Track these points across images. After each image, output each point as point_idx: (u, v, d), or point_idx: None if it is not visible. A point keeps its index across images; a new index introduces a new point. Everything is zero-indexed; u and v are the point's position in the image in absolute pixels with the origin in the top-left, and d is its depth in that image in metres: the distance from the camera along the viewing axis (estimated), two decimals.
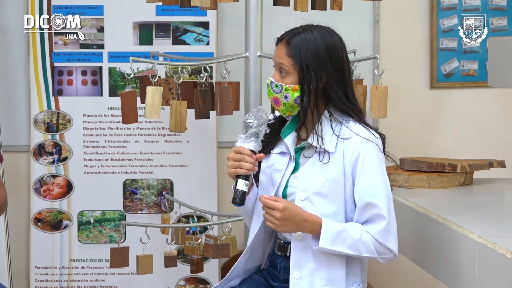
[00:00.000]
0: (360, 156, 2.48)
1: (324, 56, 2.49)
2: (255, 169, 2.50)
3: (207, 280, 4.23)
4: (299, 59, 2.49)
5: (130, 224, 3.99)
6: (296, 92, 2.51)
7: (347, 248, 2.45)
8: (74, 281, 4.21)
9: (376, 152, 2.50)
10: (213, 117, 3.98)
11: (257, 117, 2.51)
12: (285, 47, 2.52)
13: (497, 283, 2.35)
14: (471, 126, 4.49)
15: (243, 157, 2.48)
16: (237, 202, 2.48)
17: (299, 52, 2.48)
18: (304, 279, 2.50)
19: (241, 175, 2.48)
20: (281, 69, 2.52)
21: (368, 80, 4.14)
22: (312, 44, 2.49)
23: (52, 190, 4.21)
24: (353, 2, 4.11)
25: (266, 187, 2.60)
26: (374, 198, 2.47)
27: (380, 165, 2.50)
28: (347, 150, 2.49)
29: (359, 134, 2.49)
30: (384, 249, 2.48)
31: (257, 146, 2.50)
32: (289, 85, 2.51)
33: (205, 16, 4.19)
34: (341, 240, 2.44)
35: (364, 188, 2.48)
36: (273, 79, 2.54)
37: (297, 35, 2.51)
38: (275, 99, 2.54)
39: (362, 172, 2.48)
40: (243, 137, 2.51)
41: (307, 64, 2.48)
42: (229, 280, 2.66)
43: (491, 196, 3.30)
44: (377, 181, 2.48)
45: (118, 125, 4.19)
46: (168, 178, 4.24)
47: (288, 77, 2.51)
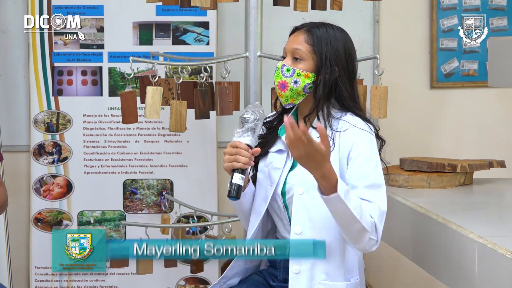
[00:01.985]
0: (354, 145, 2.50)
1: (341, 53, 2.56)
2: (251, 163, 2.51)
3: (207, 280, 4.23)
4: (319, 48, 2.54)
5: (130, 224, 3.99)
6: (308, 79, 2.54)
7: (353, 209, 2.36)
8: (74, 281, 4.21)
9: (370, 141, 2.51)
10: (213, 117, 3.98)
11: (254, 112, 2.53)
12: (305, 34, 2.57)
13: (497, 283, 2.35)
14: (471, 126, 4.49)
15: (239, 151, 2.49)
16: (233, 195, 2.49)
17: (320, 42, 2.55)
18: (303, 274, 2.51)
19: (237, 169, 2.49)
20: (296, 56, 2.56)
21: (368, 80, 4.14)
22: (333, 39, 2.56)
23: (52, 190, 4.21)
24: (353, 2, 4.12)
25: (264, 186, 2.61)
26: (368, 180, 2.47)
27: (374, 153, 2.51)
28: (342, 141, 2.52)
29: (355, 125, 2.52)
30: (374, 229, 2.43)
31: (253, 141, 2.52)
32: (302, 70, 2.54)
33: (205, 16, 4.19)
34: (349, 198, 2.37)
35: (355, 174, 2.48)
36: (285, 63, 2.56)
37: (318, 27, 2.58)
38: (282, 83, 2.56)
39: (356, 159, 2.49)
40: (240, 131, 2.53)
41: (326, 56, 2.54)
42: (228, 278, 2.66)
43: (491, 196, 3.30)
44: (372, 167, 2.48)
45: (118, 125, 4.19)
46: (168, 178, 4.24)
47: (303, 63, 2.55)
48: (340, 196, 2.33)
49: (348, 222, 2.39)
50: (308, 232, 2.51)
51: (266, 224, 2.66)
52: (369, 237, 2.43)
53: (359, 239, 2.43)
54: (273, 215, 2.65)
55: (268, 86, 3.54)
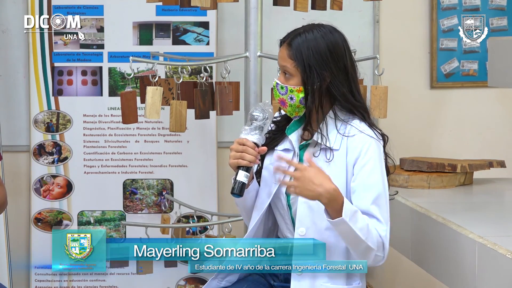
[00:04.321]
0: (362, 152, 2.49)
1: (326, 55, 2.51)
2: (257, 162, 2.51)
3: (207, 280, 4.22)
4: (301, 61, 2.50)
5: (130, 224, 3.99)
6: (301, 93, 2.52)
7: (359, 230, 2.39)
8: (74, 281, 4.21)
9: (378, 150, 2.51)
10: (213, 117, 3.98)
11: (263, 110, 2.53)
12: (287, 49, 2.54)
13: (497, 283, 2.35)
14: (471, 126, 4.49)
15: (246, 149, 2.49)
16: (236, 192, 2.49)
17: (301, 53, 2.50)
18: (305, 276, 2.51)
19: (242, 166, 2.49)
20: (285, 72, 2.54)
21: (368, 80, 4.14)
22: (313, 44, 2.51)
23: (52, 190, 4.21)
24: (353, 2, 4.11)
25: (269, 183, 2.61)
26: (371, 192, 2.46)
27: (381, 163, 2.51)
28: (350, 147, 2.50)
29: (363, 132, 2.51)
30: (381, 246, 2.46)
31: (260, 139, 2.52)
32: (293, 86, 2.53)
33: (205, 16, 4.19)
34: (356, 219, 2.39)
35: (363, 181, 2.48)
36: (278, 81, 2.55)
37: (298, 36, 2.53)
38: (281, 100, 2.56)
39: (363, 167, 2.48)
40: (248, 129, 2.53)
41: (309, 65, 2.50)
42: (226, 274, 2.65)
43: (491, 196, 3.31)
44: (377, 177, 2.48)
45: (118, 125, 4.19)
46: (168, 178, 4.24)
47: (292, 79, 2.53)
48: (345, 220, 2.36)
49: (354, 242, 2.43)
50: (311, 234, 2.51)
51: (267, 221, 2.66)
52: (375, 254, 2.46)
53: (365, 256, 2.46)
54: (276, 214, 2.65)
55: (268, 86, 3.54)
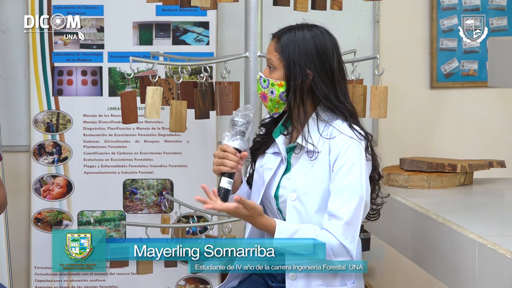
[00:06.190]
0: (340, 153, 2.48)
1: (312, 54, 2.51)
2: (238, 167, 2.51)
3: (207, 280, 4.23)
4: (285, 54, 2.52)
5: (130, 224, 3.99)
6: (282, 87, 2.53)
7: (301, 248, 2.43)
8: (74, 281, 4.21)
9: (358, 151, 2.49)
10: (213, 117, 3.98)
11: (244, 115, 2.53)
12: (275, 42, 2.56)
13: (497, 283, 2.35)
14: (471, 126, 4.49)
15: (227, 155, 2.51)
16: (220, 199, 2.49)
17: (287, 48, 2.51)
18: (299, 280, 2.51)
19: (225, 172, 2.49)
20: (270, 65, 2.56)
21: (368, 80, 4.14)
22: (301, 41, 2.52)
23: (52, 190, 4.21)
24: (353, 2, 4.12)
25: (258, 186, 2.62)
26: (345, 193, 2.46)
27: (360, 165, 2.49)
28: (332, 148, 2.51)
29: (343, 133, 2.50)
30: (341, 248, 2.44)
31: (242, 144, 2.52)
32: (275, 80, 2.53)
33: (205, 16, 4.19)
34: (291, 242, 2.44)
35: (338, 183, 2.47)
36: (262, 74, 2.57)
37: (288, 32, 2.55)
38: (262, 94, 2.57)
39: (340, 168, 2.48)
40: (229, 134, 2.54)
41: (294, 60, 2.51)
42: (228, 282, 2.67)
43: (491, 196, 3.31)
44: (353, 179, 2.47)
45: (118, 125, 4.19)
46: (168, 178, 4.24)
47: (275, 72, 2.54)
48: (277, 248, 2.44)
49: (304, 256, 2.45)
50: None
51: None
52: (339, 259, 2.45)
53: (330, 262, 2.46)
54: (269, 216, 2.65)
55: None
